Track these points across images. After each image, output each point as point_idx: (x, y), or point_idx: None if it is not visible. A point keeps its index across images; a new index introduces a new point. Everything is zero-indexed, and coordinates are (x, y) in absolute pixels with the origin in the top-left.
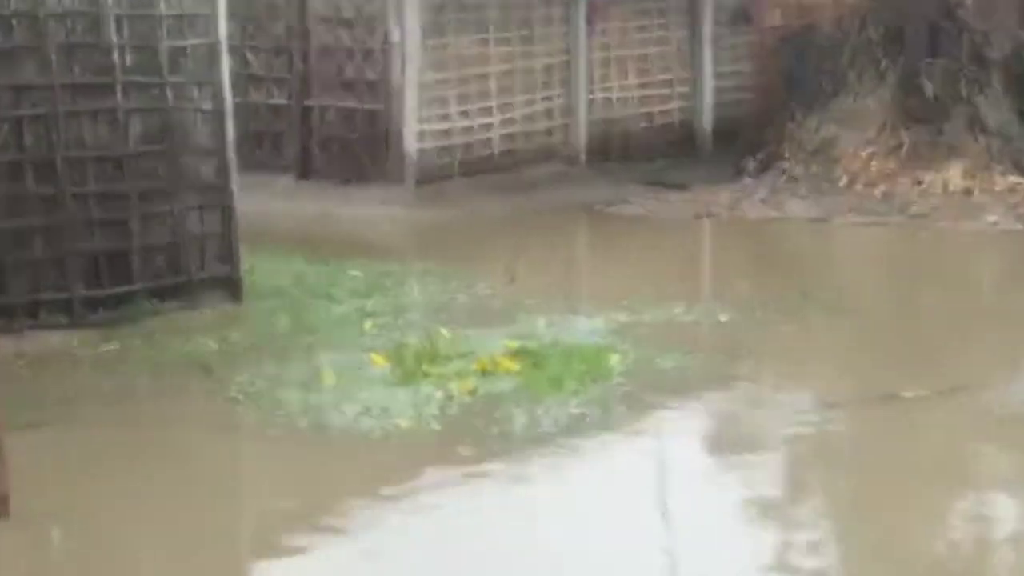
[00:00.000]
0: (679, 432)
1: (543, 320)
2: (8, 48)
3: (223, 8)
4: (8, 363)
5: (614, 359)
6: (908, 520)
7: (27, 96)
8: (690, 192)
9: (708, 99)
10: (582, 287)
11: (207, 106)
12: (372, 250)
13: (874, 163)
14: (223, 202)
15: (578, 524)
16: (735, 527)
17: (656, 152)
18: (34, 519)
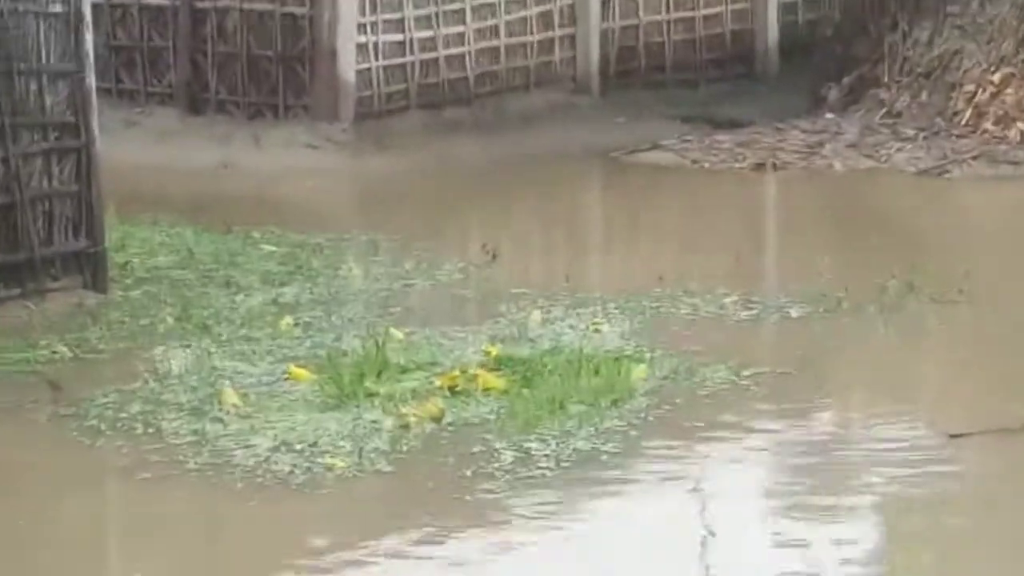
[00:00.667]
0: (731, 477)
1: (537, 315)
2: None
3: None
4: None
5: (639, 371)
6: None
7: None
8: (748, 132)
9: None
10: (593, 268)
11: (56, 8)
12: (293, 216)
13: (1009, 91)
14: (79, 146)
15: None
16: None
17: (699, 75)
18: None
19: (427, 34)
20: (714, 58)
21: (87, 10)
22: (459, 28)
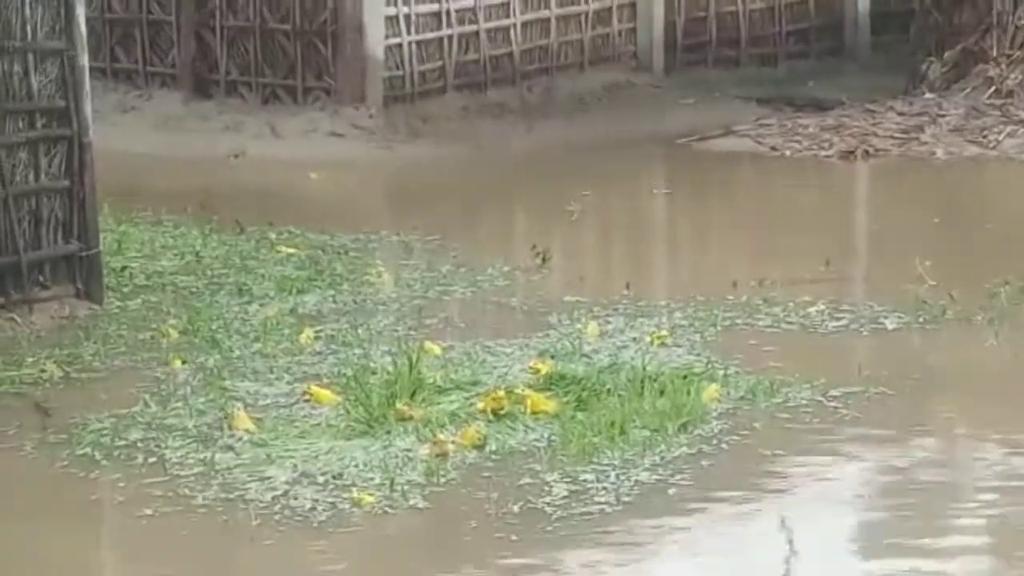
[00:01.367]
0: (819, 514)
1: (594, 327)
2: None
3: None
4: None
5: (711, 392)
6: None
7: None
8: (835, 115)
9: None
10: (658, 273)
11: None
12: (313, 214)
13: None
14: (70, 135)
15: None
16: None
17: (779, 50)
18: None
19: (466, 3)
20: (796, 30)
21: None
22: None
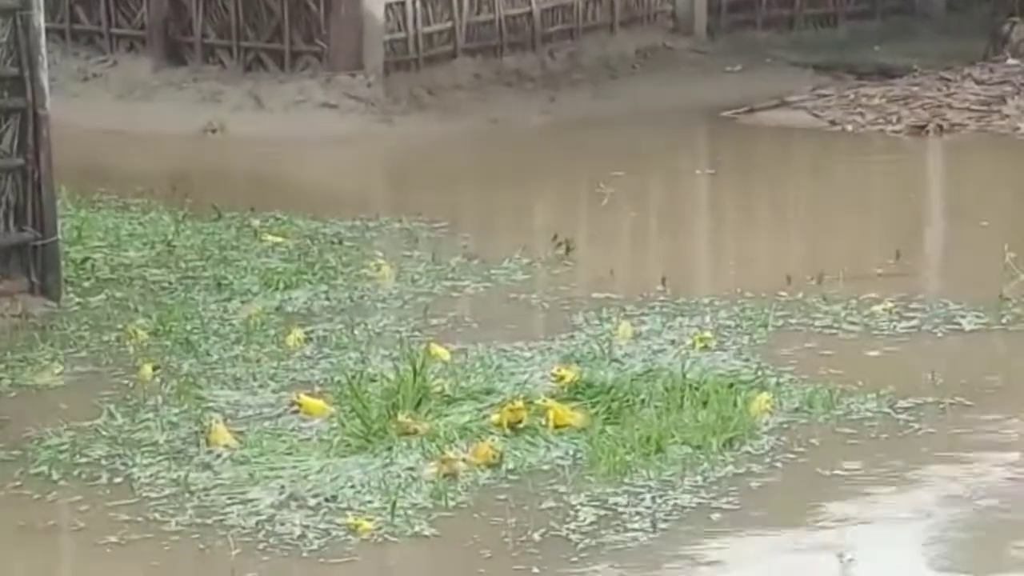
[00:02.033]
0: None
1: (626, 328)
2: None
3: None
4: None
5: (761, 402)
6: None
7: None
8: (904, 84)
9: None
10: (699, 265)
11: None
12: (303, 197)
13: None
14: (23, 105)
15: None
16: None
17: (839, 10)
18: None
19: None
20: None
21: None
22: None
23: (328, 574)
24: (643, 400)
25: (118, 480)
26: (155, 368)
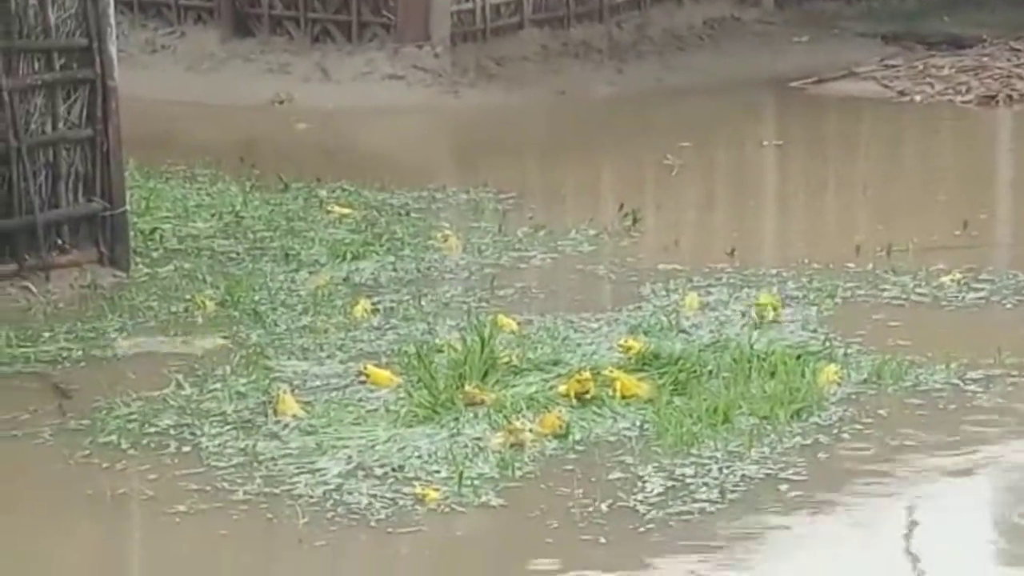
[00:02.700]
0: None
1: (693, 299)
2: None
3: None
4: None
5: (829, 373)
6: None
7: None
8: (974, 54)
9: None
10: (767, 236)
11: None
12: (370, 168)
13: None
14: (92, 77)
15: None
16: None
17: None
18: None
19: None
20: None
21: None
22: None
23: (395, 543)
24: (710, 371)
25: (186, 449)
26: (223, 338)
